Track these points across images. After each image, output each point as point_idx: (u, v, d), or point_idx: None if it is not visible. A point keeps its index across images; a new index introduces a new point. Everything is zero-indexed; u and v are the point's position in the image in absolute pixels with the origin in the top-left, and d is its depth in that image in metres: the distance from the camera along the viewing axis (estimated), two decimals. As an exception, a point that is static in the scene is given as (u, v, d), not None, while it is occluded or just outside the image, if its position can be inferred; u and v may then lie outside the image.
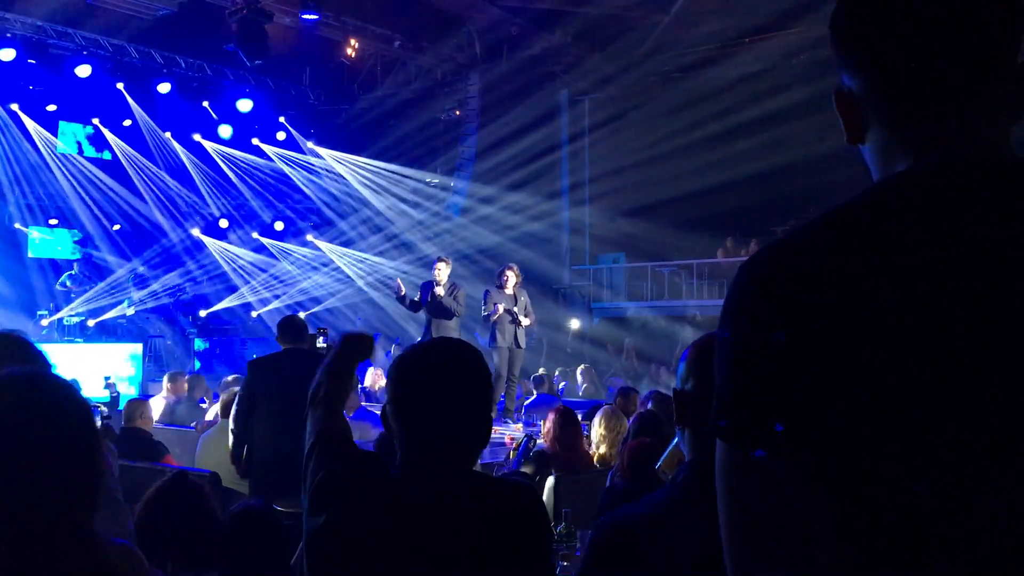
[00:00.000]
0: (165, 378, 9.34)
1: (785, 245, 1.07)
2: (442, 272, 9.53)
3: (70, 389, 1.62)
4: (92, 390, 9.80)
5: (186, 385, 9.14)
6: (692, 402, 1.74)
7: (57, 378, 1.64)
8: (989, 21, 1.04)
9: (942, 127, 1.06)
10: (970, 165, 1.04)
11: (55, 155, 15.58)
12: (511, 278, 9.60)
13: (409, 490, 1.80)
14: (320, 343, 6.22)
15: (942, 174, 1.04)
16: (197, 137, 17.08)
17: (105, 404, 8.81)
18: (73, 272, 15.13)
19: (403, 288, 9.81)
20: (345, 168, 18.14)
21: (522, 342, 9.63)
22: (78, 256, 15.98)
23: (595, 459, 5.55)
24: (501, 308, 9.45)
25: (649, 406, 6.53)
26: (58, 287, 14.96)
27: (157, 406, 7.99)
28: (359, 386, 10.32)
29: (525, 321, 9.59)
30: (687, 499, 1.67)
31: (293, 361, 5.75)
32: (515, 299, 9.57)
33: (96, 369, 11.60)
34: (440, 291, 9.36)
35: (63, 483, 1.52)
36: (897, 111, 1.09)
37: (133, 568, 1.69)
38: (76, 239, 16.20)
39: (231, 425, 5.85)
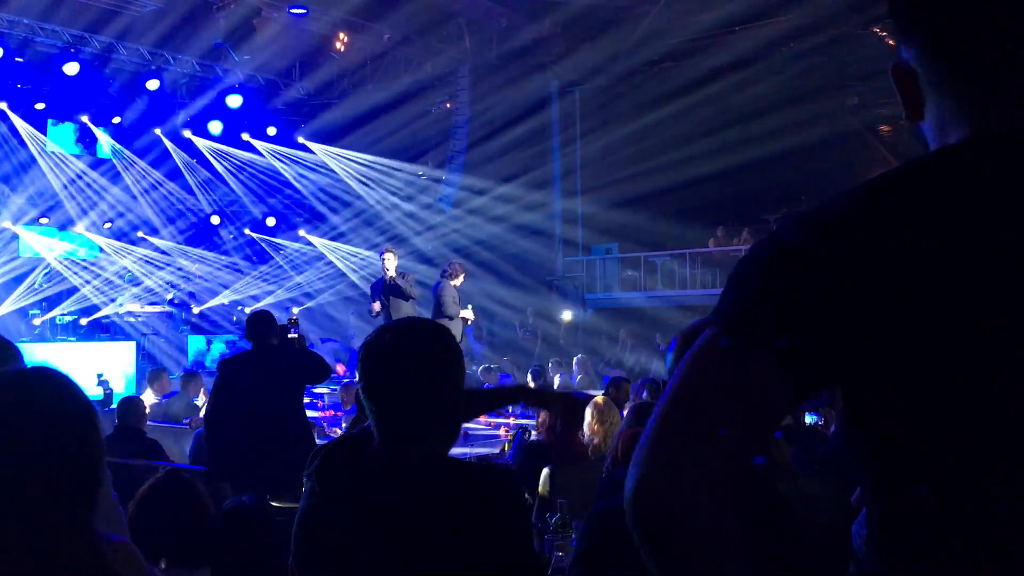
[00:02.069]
0: (147, 377, 9.35)
1: (828, 215, 1.00)
2: (389, 261, 9.87)
3: (72, 385, 1.61)
4: (86, 388, 9.78)
5: (169, 382, 9.16)
6: None
7: (59, 374, 1.63)
8: None
9: (1005, 98, 1.01)
10: None
11: (45, 153, 15.52)
12: (462, 275, 10.08)
13: (381, 471, 1.79)
14: (291, 335, 6.14)
15: (1011, 140, 0.99)
16: (187, 133, 17.01)
17: (98, 402, 8.81)
18: (47, 271, 15.09)
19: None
20: (336, 162, 18.11)
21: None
22: (94, 255, 16.00)
23: (589, 450, 5.55)
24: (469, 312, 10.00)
25: (644, 395, 6.55)
26: (37, 285, 14.90)
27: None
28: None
29: (469, 315, 10.10)
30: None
31: (262, 359, 5.75)
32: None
33: (90, 367, 11.56)
34: (391, 274, 9.74)
35: (63, 480, 1.51)
36: (957, 82, 1.03)
37: (131, 566, 1.69)
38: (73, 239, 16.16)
39: (206, 430, 5.83)
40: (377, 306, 9.91)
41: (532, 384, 10.55)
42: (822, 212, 1.01)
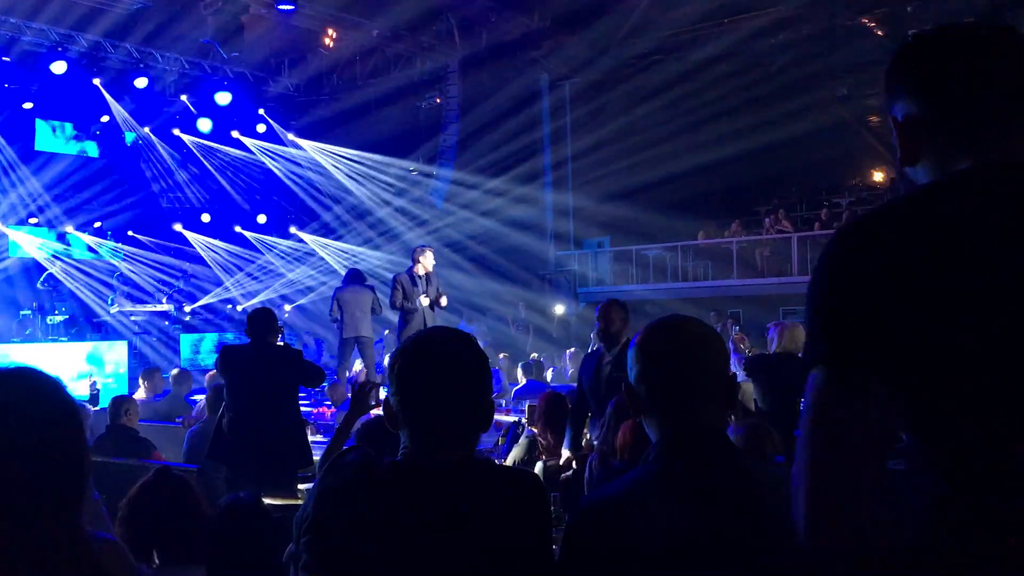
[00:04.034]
0: (141, 376, 9.31)
1: (872, 226, 1.19)
2: (428, 259, 9.56)
3: (53, 385, 1.61)
4: (77, 388, 9.75)
5: (162, 381, 9.13)
6: (641, 388, 1.75)
7: (42, 373, 1.62)
8: None
9: (1001, 142, 1.24)
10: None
11: (33, 152, 15.46)
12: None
13: (415, 475, 1.80)
14: (278, 342, 6.20)
15: (1012, 167, 1.20)
16: (176, 131, 16.97)
17: (88, 401, 8.77)
18: (49, 272, 15.03)
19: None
20: (326, 159, 18.07)
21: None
22: (84, 255, 15.93)
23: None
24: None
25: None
26: (39, 286, 14.85)
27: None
28: (347, 378, 10.33)
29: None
30: (661, 475, 1.69)
31: (261, 355, 5.78)
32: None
33: (81, 368, 11.54)
34: (427, 271, 9.47)
35: (50, 479, 1.51)
36: (964, 132, 1.25)
37: (118, 564, 1.69)
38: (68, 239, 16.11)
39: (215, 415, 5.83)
40: (424, 298, 9.48)
41: (523, 378, 10.54)
42: (866, 226, 1.19)
